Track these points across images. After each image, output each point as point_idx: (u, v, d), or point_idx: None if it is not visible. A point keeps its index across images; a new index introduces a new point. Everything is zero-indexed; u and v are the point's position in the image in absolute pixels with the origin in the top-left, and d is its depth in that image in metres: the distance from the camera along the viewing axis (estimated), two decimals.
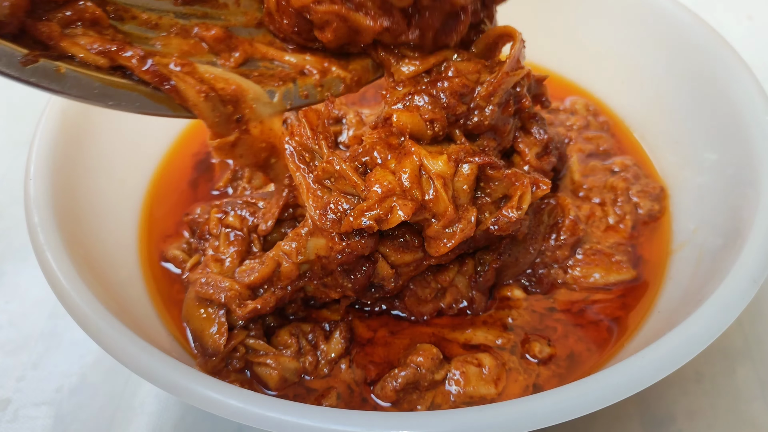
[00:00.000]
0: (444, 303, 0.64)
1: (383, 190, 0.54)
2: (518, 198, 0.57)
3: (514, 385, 0.59)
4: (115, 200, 0.72)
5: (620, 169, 0.76)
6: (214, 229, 0.65)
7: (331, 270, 0.58)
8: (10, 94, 1.03)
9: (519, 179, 0.57)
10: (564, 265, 0.67)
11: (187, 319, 0.60)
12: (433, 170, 0.55)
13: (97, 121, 0.72)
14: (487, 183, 0.58)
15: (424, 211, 0.55)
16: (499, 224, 0.57)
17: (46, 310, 0.74)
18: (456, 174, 0.56)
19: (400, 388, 0.57)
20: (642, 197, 0.73)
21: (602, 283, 0.66)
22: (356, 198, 0.56)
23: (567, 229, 0.67)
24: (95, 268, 0.60)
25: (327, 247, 0.56)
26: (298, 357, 0.60)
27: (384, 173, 0.55)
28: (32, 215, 0.58)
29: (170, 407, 0.66)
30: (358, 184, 0.54)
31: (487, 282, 0.64)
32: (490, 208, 0.59)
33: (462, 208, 0.57)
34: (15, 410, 0.66)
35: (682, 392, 0.65)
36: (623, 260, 0.67)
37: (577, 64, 0.87)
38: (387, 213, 0.54)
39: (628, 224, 0.71)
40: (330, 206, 0.55)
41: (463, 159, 0.57)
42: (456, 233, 0.56)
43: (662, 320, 0.60)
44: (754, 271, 0.52)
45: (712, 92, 0.70)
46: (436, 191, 0.55)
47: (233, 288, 0.58)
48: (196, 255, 0.67)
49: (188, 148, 0.82)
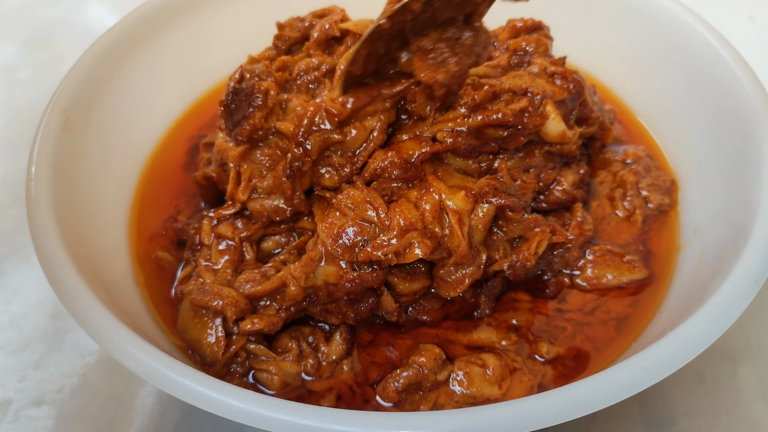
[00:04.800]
0: (451, 309, 0.64)
1: (406, 223, 0.55)
2: (536, 244, 0.58)
3: (518, 385, 0.59)
4: (116, 201, 0.72)
5: (633, 160, 0.75)
6: (206, 239, 0.64)
7: (337, 298, 0.58)
8: (11, 94, 1.03)
9: (539, 225, 0.59)
10: (574, 268, 0.66)
11: (183, 329, 0.60)
12: (450, 206, 0.56)
13: (98, 122, 0.73)
14: (505, 222, 0.59)
15: (441, 250, 0.56)
16: (515, 269, 0.59)
17: (47, 311, 0.74)
18: (474, 210, 0.57)
19: (402, 388, 0.57)
20: (652, 191, 0.71)
21: (615, 283, 0.65)
22: (372, 226, 0.56)
23: (573, 230, 0.66)
24: (97, 268, 0.60)
25: (337, 275, 0.57)
26: (299, 360, 0.60)
27: (409, 206, 0.56)
28: (34, 216, 0.58)
29: (171, 408, 0.66)
30: (382, 215, 0.55)
31: (494, 289, 0.64)
32: (505, 245, 0.60)
33: (474, 249, 0.58)
34: (16, 410, 0.66)
35: (684, 392, 0.65)
36: (635, 259, 0.66)
37: (584, 59, 0.86)
38: (405, 248, 0.55)
39: (638, 219, 0.70)
40: (344, 233, 0.56)
41: (485, 197, 0.58)
42: (466, 277, 0.58)
43: (665, 320, 0.60)
44: (755, 272, 0.52)
45: (713, 92, 0.70)
46: (450, 227, 0.56)
47: (230, 295, 0.57)
48: (188, 266, 0.66)
49: (195, 154, 0.82)
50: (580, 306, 0.64)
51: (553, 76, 0.64)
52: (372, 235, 0.56)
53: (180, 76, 0.84)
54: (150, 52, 0.81)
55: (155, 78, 0.81)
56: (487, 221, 0.58)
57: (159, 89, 0.82)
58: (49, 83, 1.04)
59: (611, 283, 0.65)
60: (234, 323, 0.58)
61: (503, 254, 0.60)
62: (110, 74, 0.75)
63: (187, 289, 0.61)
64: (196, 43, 0.85)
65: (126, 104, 0.77)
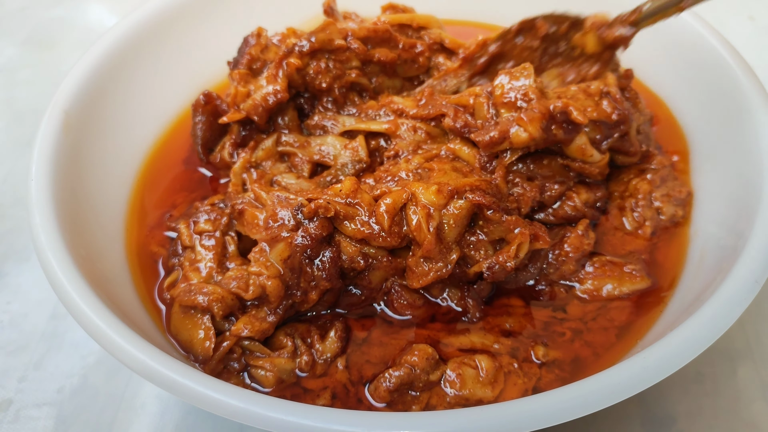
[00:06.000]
0: (438, 310, 0.64)
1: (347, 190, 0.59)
2: (516, 247, 0.58)
3: (512, 388, 0.58)
4: (116, 201, 0.72)
5: (656, 167, 0.71)
6: (187, 241, 0.66)
7: (299, 265, 0.58)
8: (12, 94, 1.03)
9: (518, 226, 0.58)
10: (573, 280, 0.64)
11: (175, 332, 0.60)
12: (421, 199, 0.57)
13: (99, 122, 0.73)
14: (485, 222, 0.59)
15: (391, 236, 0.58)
16: (493, 271, 0.58)
17: (47, 311, 0.74)
18: (447, 205, 0.58)
19: (393, 388, 0.56)
20: (665, 202, 0.68)
21: (616, 294, 0.64)
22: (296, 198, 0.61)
23: (572, 242, 0.64)
24: (96, 268, 0.60)
25: (287, 246, 0.57)
26: (294, 357, 0.60)
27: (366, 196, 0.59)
28: (34, 216, 0.58)
29: (171, 408, 0.66)
30: None
31: (482, 293, 0.63)
32: (487, 246, 0.60)
33: (445, 245, 0.58)
34: (17, 411, 0.66)
35: (683, 393, 0.65)
36: (636, 269, 0.64)
37: None
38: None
39: (647, 231, 0.68)
40: (269, 220, 0.60)
41: (463, 193, 0.58)
42: (431, 271, 0.58)
43: (665, 320, 0.60)
44: (755, 272, 0.52)
45: (713, 92, 0.70)
46: (418, 221, 0.57)
47: (216, 291, 0.58)
48: (174, 273, 0.66)
49: (193, 153, 0.82)
50: (580, 316, 0.63)
51: (605, 96, 0.64)
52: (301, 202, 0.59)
53: (180, 76, 0.84)
54: (150, 53, 0.81)
55: (155, 78, 0.81)
56: (459, 218, 0.57)
57: (159, 89, 0.82)
58: (49, 83, 1.04)
59: (612, 294, 0.64)
60: (223, 320, 0.59)
61: (485, 256, 0.59)
62: (110, 75, 0.75)
63: (175, 293, 0.61)
64: (197, 43, 0.85)
65: (126, 104, 0.77)
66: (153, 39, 0.81)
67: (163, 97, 0.82)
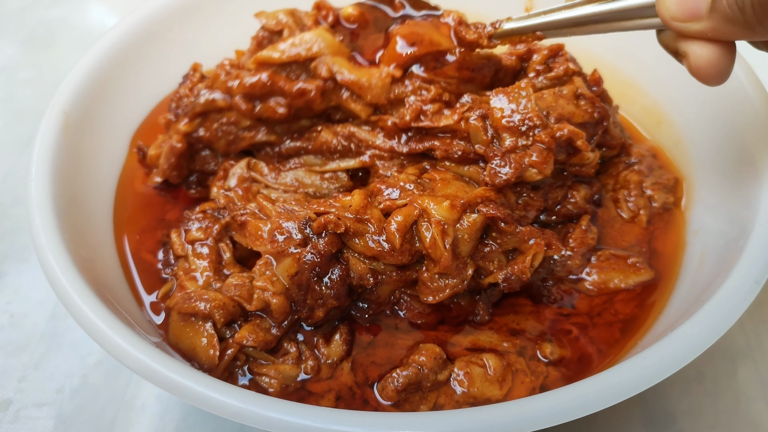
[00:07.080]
0: (448, 315, 0.63)
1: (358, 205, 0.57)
2: (531, 257, 0.58)
3: (520, 387, 0.58)
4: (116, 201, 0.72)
5: (637, 159, 0.73)
6: (180, 250, 0.64)
7: (306, 282, 0.57)
8: (11, 94, 1.03)
9: (533, 237, 0.58)
10: (578, 274, 0.65)
11: (176, 342, 0.59)
12: (434, 215, 0.56)
13: (99, 122, 0.73)
14: (498, 234, 0.58)
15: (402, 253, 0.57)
16: (510, 282, 0.58)
17: (47, 311, 0.74)
18: (461, 220, 0.57)
19: (401, 388, 0.56)
20: (656, 189, 0.71)
21: (622, 287, 0.64)
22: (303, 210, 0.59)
23: (576, 238, 0.65)
24: (96, 268, 0.60)
25: (294, 261, 0.56)
26: (299, 363, 0.59)
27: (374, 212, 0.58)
28: (34, 216, 0.58)
29: (172, 408, 0.66)
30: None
31: (492, 298, 0.63)
32: (500, 257, 0.59)
33: (461, 260, 0.57)
34: (16, 411, 0.66)
35: (684, 392, 0.65)
36: (639, 261, 0.66)
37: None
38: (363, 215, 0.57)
39: (643, 219, 0.69)
40: (275, 233, 0.58)
41: (476, 206, 0.57)
42: (447, 287, 0.58)
43: (666, 321, 0.60)
44: (756, 272, 0.52)
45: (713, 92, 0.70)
46: (432, 238, 0.56)
47: (217, 298, 0.57)
48: (168, 283, 0.65)
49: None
50: (587, 310, 0.63)
51: (580, 98, 0.63)
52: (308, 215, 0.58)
53: (180, 76, 0.84)
54: (150, 53, 0.81)
55: (155, 78, 0.81)
56: (473, 231, 0.57)
57: (159, 89, 0.82)
58: (49, 83, 1.04)
59: (618, 287, 0.64)
60: (225, 327, 0.58)
61: (498, 266, 0.59)
62: (111, 75, 0.75)
63: (172, 303, 0.60)
64: (197, 43, 0.85)
65: (126, 104, 0.77)
66: (153, 39, 0.81)
67: (164, 96, 0.82)
